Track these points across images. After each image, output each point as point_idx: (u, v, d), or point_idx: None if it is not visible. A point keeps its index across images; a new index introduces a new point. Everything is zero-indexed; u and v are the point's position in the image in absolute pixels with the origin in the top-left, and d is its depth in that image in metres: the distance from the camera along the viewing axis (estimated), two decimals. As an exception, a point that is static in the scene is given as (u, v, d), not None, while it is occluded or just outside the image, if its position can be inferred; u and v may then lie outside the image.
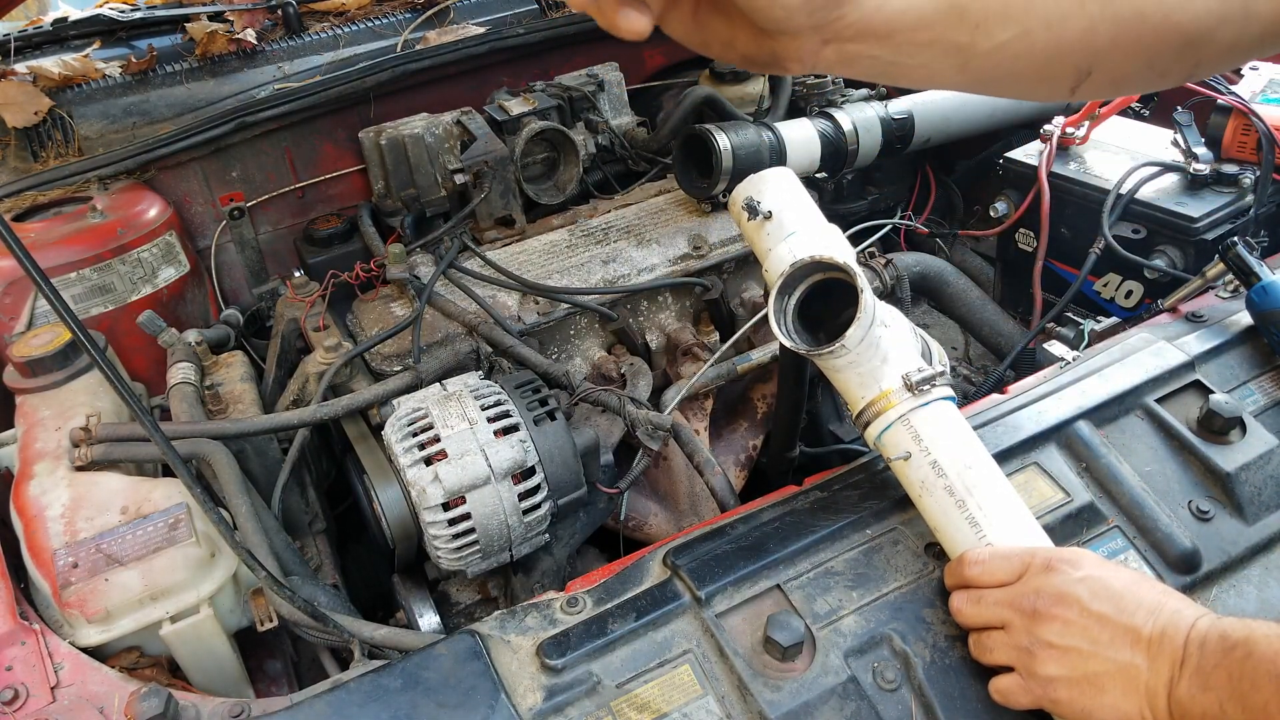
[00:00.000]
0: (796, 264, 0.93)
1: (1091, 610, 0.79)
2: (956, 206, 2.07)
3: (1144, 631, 0.77)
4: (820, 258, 0.92)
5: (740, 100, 1.87)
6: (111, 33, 1.93)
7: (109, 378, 0.85)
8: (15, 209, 1.52)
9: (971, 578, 0.86)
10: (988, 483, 0.90)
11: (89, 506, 1.06)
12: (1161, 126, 1.66)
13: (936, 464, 0.90)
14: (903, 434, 0.92)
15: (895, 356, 0.94)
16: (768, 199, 1.02)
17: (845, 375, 0.95)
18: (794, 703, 0.82)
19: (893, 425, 0.93)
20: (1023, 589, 0.82)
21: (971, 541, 0.88)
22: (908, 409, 0.92)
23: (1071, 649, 0.78)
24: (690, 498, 1.43)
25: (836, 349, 0.89)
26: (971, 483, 0.90)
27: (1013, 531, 0.89)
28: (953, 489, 0.89)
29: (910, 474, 0.93)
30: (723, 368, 1.43)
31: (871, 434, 0.95)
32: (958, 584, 0.88)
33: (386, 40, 2.00)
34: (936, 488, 0.90)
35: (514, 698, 0.82)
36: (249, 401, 1.30)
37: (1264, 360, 1.18)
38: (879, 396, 0.93)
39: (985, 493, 0.89)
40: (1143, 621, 0.77)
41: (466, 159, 1.54)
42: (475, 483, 1.07)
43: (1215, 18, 0.72)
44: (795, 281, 0.95)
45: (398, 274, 1.39)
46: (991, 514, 0.89)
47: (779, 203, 1.02)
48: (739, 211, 1.05)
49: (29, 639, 0.91)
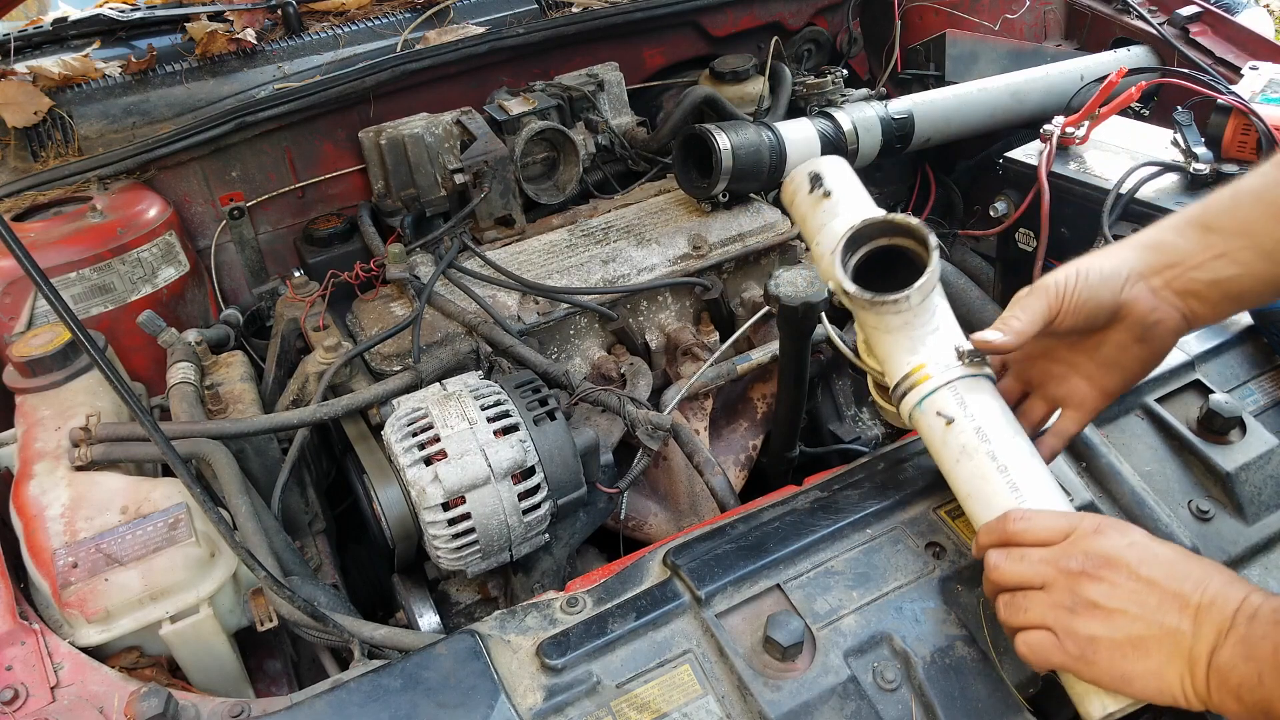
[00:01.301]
0: (869, 221, 0.95)
1: (1141, 575, 0.78)
2: (956, 206, 2.07)
3: (1192, 599, 0.76)
4: (893, 219, 0.93)
5: (740, 100, 1.87)
6: (111, 33, 1.92)
7: (109, 378, 0.85)
8: (15, 209, 1.52)
9: (1015, 533, 0.85)
10: (1030, 455, 0.91)
11: (89, 506, 1.06)
12: (1161, 126, 1.66)
13: (981, 430, 0.90)
14: (949, 400, 0.92)
15: (945, 328, 0.95)
16: (829, 178, 1.05)
17: (895, 337, 0.95)
18: (794, 702, 0.82)
19: (939, 391, 0.92)
20: (1070, 549, 0.81)
21: (1012, 505, 0.88)
22: (957, 376, 0.92)
23: (1117, 611, 0.78)
24: (690, 498, 1.43)
25: (900, 300, 0.90)
26: (1014, 452, 0.90)
27: (1053, 502, 0.88)
28: (995, 455, 0.89)
29: (951, 438, 0.92)
30: (723, 368, 1.43)
31: (910, 401, 0.95)
32: (997, 541, 0.86)
33: (386, 40, 2.00)
34: (978, 452, 0.90)
35: (514, 697, 0.82)
36: (249, 401, 1.30)
37: (1264, 360, 1.18)
38: (924, 363, 0.93)
39: (1028, 463, 0.90)
40: (1191, 590, 0.77)
41: (466, 159, 1.54)
42: (475, 482, 1.07)
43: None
44: (861, 240, 0.96)
45: (397, 274, 1.39)
46: (1034, 483, 0.88)
47: (839, 184, 1.05)
48: (799, 184, 1.08)
49: (29, 639, 0.91)
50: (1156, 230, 0.94)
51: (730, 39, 2.09)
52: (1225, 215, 0.90)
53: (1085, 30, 2.12)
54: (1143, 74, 1.84)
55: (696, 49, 2.08)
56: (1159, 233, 0.93)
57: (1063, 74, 1.86)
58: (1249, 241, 0.88)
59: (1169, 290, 0.91)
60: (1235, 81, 1.68)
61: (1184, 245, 0.90)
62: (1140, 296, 0.91)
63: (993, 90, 1.81)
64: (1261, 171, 0.90)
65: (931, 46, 2.10)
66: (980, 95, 1.80)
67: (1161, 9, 1.99)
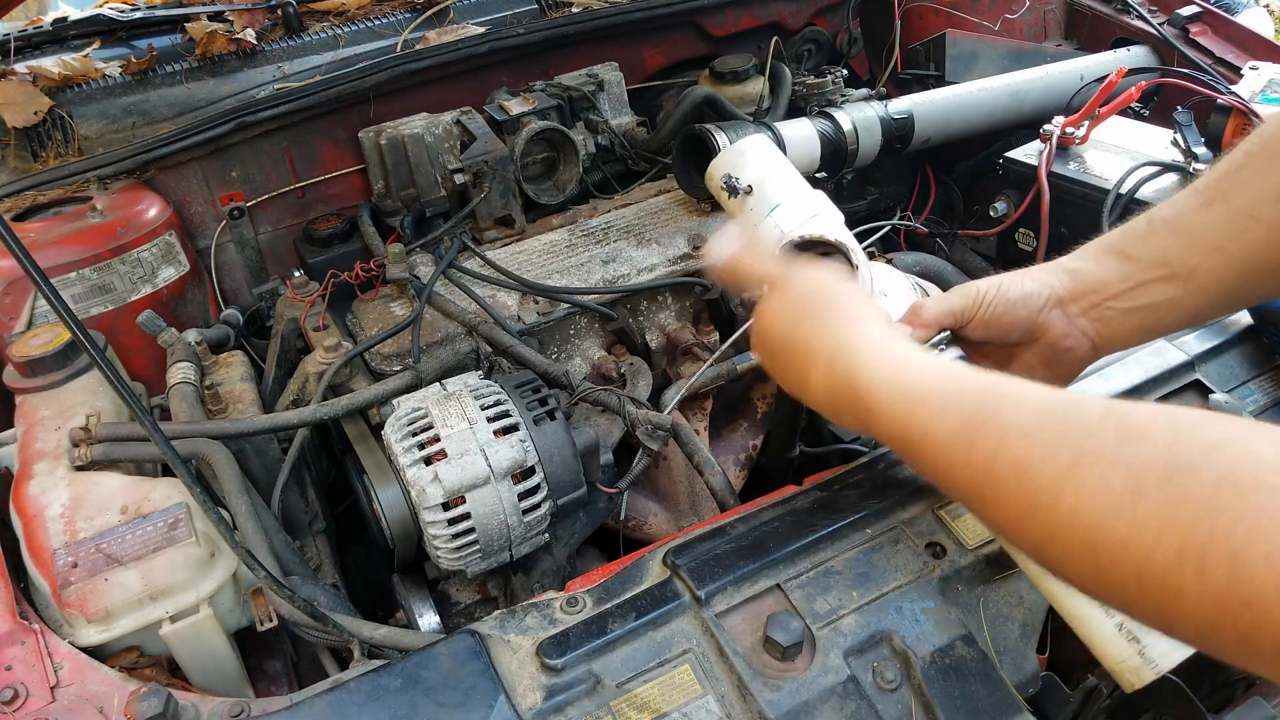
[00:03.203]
0: (786, 246, 0.93)
1: (833, 303, 0.84)
2: (956, 206, 2.07)
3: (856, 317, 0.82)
4: (810, 236, 0.92)
5: (740, 100, 1.87)
6: (111, 33, 1.92)
7: (109, 377, 0.85)
8: (15, 209, 1.52)
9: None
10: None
11: (89, 506, 1.06)
12: (1161, 126, 1.66)
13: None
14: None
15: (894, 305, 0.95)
16: (746, 173, 1.01)
17: None
18: (794, 702, 0.82)
19: None
20: (797, 274, 0.88)
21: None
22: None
23: (795, 318, 0.85)
24: (690, 497, 1.43)
25: None
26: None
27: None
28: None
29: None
30: (723, 368, 1.43)
31: None
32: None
33: (386, 40, 1.99)
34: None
35: (514, 697, 0.82)
36: (249, 401, 1.30)
37: (1264, 360, 1.18)
38: None
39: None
40: (858, 313, 0.83)
41: (466, 159, 1.54)
42: (475, 482, 1.07)
43: None
44: (797, 249, 0.95)
45: (397, 274, 1.39)
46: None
47: (759, 175, 1.00)
48: (718, 190, 1.04)
49: (29, 639, 0.91)
50: (1078, 257, 0.95)
51: (730, 39, 2.09)
52: (1141, 244, 0.90)
53: (1085, 30, 2.12)
54: (1143, 74, 1.84)
55: (696, 49, 2.08)
56: (1078, 260, 0.94)
57: (1062, 74, 1.86)
58: (1165, 271, 0.88)
59: (1085, 318, 0.92)
60: (1235, 81, 1.68)
61: (1101, 274, 0.91)
62: (1055, 322, 0.91)
63: (992, 90, 1.81)
64: (1175, 200, 0.90)
65: (931, 46, 2.10)
66: (980, 95, 1.80)
67: (1161, 9, 1.99)
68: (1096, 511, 0.56)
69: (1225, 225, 0.84)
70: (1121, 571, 0.55)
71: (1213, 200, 0.86)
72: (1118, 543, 0.55)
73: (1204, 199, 0.87)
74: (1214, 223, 0.85)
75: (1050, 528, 0.60)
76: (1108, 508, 0.56)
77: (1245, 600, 0.48)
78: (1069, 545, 0.58)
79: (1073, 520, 0.58)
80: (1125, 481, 0.55)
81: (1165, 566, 0.52)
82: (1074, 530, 0.58)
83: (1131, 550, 0.54)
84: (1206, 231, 0.85)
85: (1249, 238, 0.83)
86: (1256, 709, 0.94)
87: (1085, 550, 0.57)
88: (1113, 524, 0.55)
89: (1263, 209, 0.82)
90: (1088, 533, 0.57)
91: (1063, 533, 0.59)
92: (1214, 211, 0.85)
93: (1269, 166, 0.82)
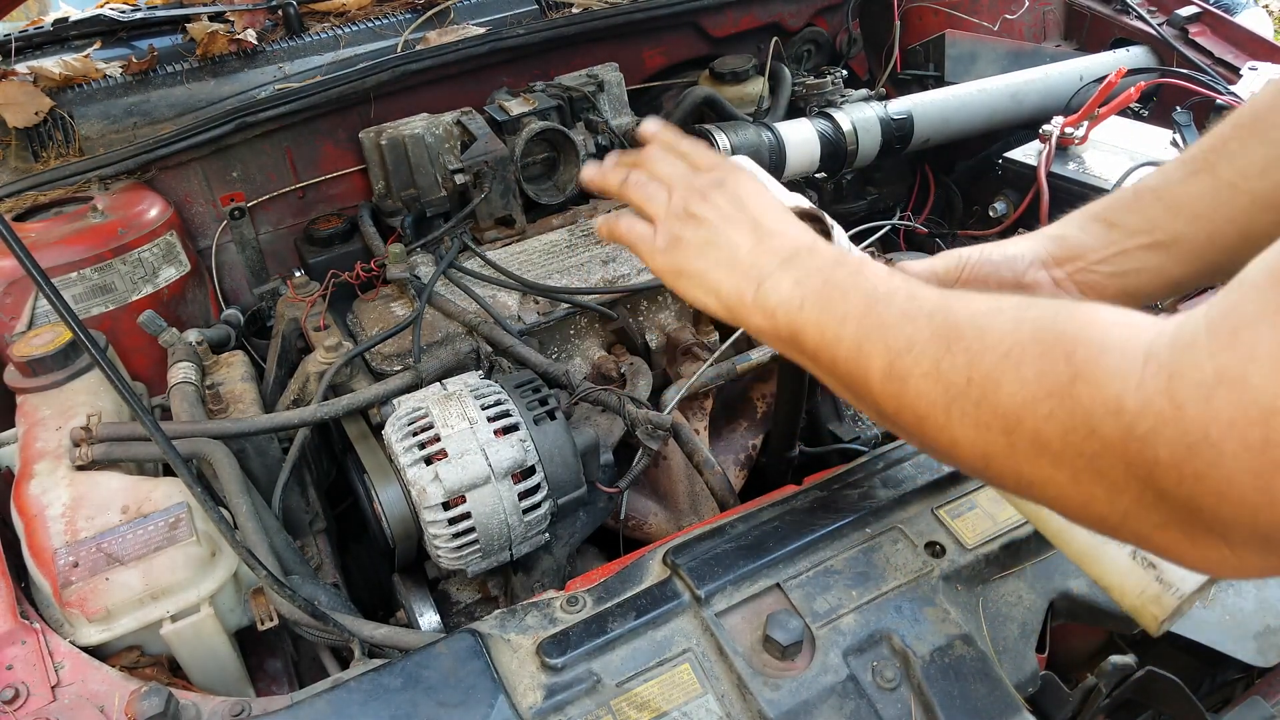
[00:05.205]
0: None
1: (744, 204, 0.82)
2: (956, 206, 2.07)
3: (766, 228, 0.81)
4: (800, 208, 0.93)
5: (740, 100, 1.88)
6: (112, 33, 1.92)
7: (110, 377, 0.85)
8: (16, 209, 1.52)
9: (681, 145, 0.89)
10: None
11: (89, 506, 1.06)
12: (1161, 126, 1.66)
13: None
14: None
15: None
16: None
17: None
18: (793, 701, 0.83)
19: None
20: (709, 173, 0.85)
21: None
22: None
23: (707, 221, 0.82)
24: (690, 497, 1.43)
25: None
26: None
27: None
28: None
29: None
30: (722, 367, 1.43)
31: None
32: (667, 144, 0.91)
33: (387, 40, 2.00)
34: None
35: (514, 696, 0.82)
36: (249, 401, 1.30)
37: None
38: None
39: None
40: (771, 224, 0.81)
41: (466, 159, 1.54)
42: (475, 482, 1.07)
43: None
44: None
45: (398, 274, 1.40)
46: None
47: None
48: None
49: (29, 638, 0.91)
50: (1061, 224, 0.96)
51: (730, 39, 2.10)
52: (1127, 212, 0.91)
53: (1084, 31, 2.12)
54: (1142, 74, 1.84)
55: (696, 49, 2.08)
56: (1063, 227, 0.95)
57: (1062, 74, 1.86)
58: (1149, 239, 0.89)
59: (1070, 281, 0.93)
60: (1234, 82, 1.69)
61: (1087, 240, 0.92)
62: (1041, 282, 0.93)
63: (992, 91, 1.81)
64: (1163, 170, 0.91)
65: (931, 47, 2.10)
66: (979, 96, 1.81)
67: (1161, 9, 2.00)
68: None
69: (1209, 195, 0.85)
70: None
71: (1198, 170, 0.86)
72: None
73: (1190, 169, 0.87)
74: (1198, 193, 0.86)
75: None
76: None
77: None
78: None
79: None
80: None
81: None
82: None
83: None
84: (1190, 201, 0.86)
85: (1231, 208, 0.84)
86: (1256, 708, 0.94)
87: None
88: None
89: (1246, 180, 0.82)
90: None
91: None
92: (1199, 181, 0.86)
93: (1255, 139, 0.83)
